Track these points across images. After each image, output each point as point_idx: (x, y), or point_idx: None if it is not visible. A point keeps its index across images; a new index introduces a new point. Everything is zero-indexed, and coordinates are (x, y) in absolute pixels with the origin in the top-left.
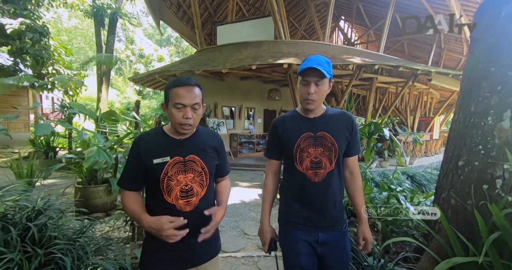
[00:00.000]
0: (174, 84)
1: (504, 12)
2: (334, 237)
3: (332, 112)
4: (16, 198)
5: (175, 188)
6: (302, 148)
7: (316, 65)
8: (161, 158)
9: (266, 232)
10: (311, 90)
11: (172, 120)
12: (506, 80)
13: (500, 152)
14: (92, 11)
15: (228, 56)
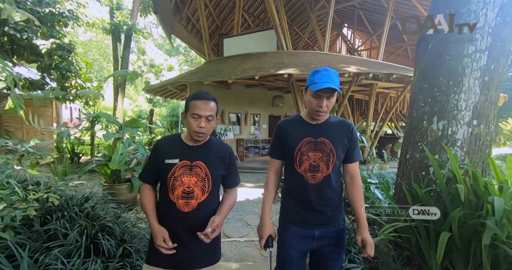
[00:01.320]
0: (194, 97)
1: (430, 44)
2: (329, 232)
3: (334, 120)
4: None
5: (178, 188)
6: (303, 152)
7: (331, 84)
8: (171, 159)
9: (264, 228)
10: (323, 104)
11: (189, 128)
12: (433, 94)
13: (432, 146)
14: (111, 28)
15: (233, 67)
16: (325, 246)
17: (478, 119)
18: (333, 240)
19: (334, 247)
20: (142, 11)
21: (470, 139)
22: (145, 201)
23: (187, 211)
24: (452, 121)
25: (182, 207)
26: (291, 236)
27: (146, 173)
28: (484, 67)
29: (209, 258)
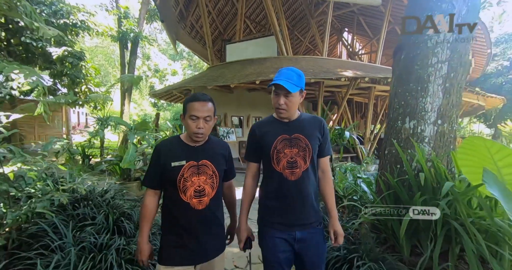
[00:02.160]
0: (191, 99)
1: (403, 55)
2: (310, 234)
3: (305, 117)
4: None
5: (190, 188)
6: (279, 149)
7: (285, 81)
8: (178, 162)
9: (243, 231)
10: (281, 101)
11: (188, 129)
12: (405, 98)
13: (405, 143)
14: (118, 36)
15: (235, 72)
16: (307, 247)
17: (442, 119)
18: (313, 242)
19: (314, 249)
20: (148, 19)
21: (435, 136)
22: (145, 211)
23: (201, 208)
24: (421, 121)
25: (196, 206)
26: (273, 239)
27: (150, 178)
28: (445, 75)
29: (219, 247)
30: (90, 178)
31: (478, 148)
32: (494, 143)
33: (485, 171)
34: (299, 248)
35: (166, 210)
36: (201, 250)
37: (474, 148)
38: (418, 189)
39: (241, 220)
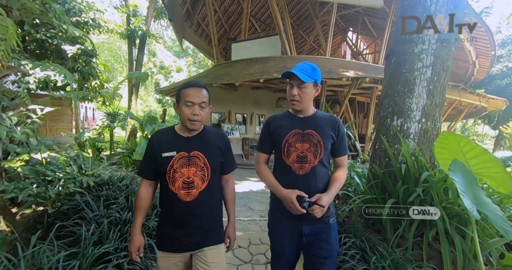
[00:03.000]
0: (185, 85)
1: (393, 59)
2: (318, 229)
3: (321, 115)
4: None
5: (179, 179)
6: (290, 143)
7: (298, 71)
8: (168, 152)
9: (289, 193)
10: (294, 92)
11: (183, 116)
12: (394, 98)
13: (393, 139)
14: (127, 33)
15: (240, 70)
16: (316, 242)
17: (425, 117)
18: (323, 237)
19: (324, 244)
20: (156, 17)
21: (420, 133)
22: (139, 201)
23: (189, 200)
24: (407, 119)
25: (184, 197)
26: (282, 231)
27: (144, 168)
28: (429, 79)
29: (213, 238)
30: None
31: (451, 142)
32: (462, 138)
33: (454, 161)
34: (307, 242)
35: (160, 201)
36: (190, 241)
37: (447, 142)
38: (401, 178)
39: (280, 191)
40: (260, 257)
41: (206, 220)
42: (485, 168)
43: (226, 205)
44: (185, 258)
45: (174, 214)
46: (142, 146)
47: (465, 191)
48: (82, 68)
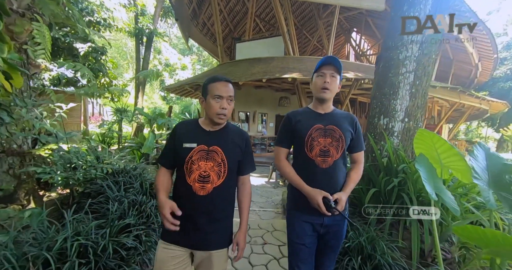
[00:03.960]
0: (213, 79)
1: (381, 64)
2: (336, 221)
3: (339, 112)
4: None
5: (195, 171)
6: (313, 137)
7: (332, 61)
8: (189, 143)
9: (316, 194)
10: (327, 79)
11: (211, 111)
12: (381, 100)
13: (380, 136)
14: (135, 32)
15: (244, 70)
16: (330, 233)
17: (408, 117)
18: (337, 228)
19: (337, 235)
20: (162, 16)
21: (403, 131)
22: (158, 181)
23: (202, 194)
24: (392, 119)
25: (198, 190)
26: (300, 222)
27: (164, 156)
28: (412, 83)
29: (220, 241)
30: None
31: (426, 138)
32: (434, 135)
33: (420, 155)
34: (324, 232)
35: (175, 189)
36: (198, 237)
37: (423, 138)
38: (384, 170)
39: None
40: (258, 239)
41: (216, 217)
42: (452, 161)
43: (240, 208)
44: (185, 254)
45: (186, 206)
46: (150, 140)
47: (427, 178)
48: (93, 65)
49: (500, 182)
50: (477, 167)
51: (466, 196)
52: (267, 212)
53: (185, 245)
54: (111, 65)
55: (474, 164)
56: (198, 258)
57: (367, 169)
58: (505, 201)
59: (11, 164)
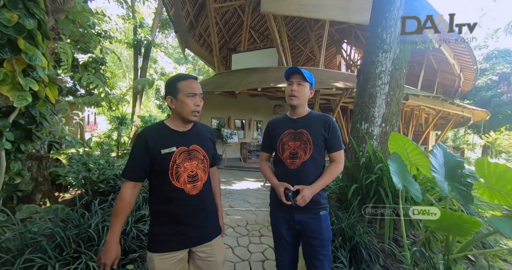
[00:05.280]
0: (182, 77)
1: (361, 77)
2: (308, 218)
3: (313, 115)
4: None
5: (183, 174)
6: (284, 142)
7: (297, 70)
8: (168, 148)
9: (279, 185)
10: (294, 87)
11: (186, 109)
12: (362, 108)
13: (362, 139)
14: (133, 43)
15: (240, 79)
16: (306, 231)
17: (385, 123)
18: (312, 227)
19: (315, 234)
20: (160, 27)
21: (381, 135)
22: (122, 204)
23: (195, 193)
24: (371, 124)
25: (190, 191)
26: (277, 218)
27: (132, 169)
28: (387, 93)
29: (214, 230)
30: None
31: (397, 140)
32: (403, 137)
33: (393, 153)
34: (300, 229)
35: (156, 200)
36: (197, 234)
37: (395, 140)
38: (365, 169)
39: (273, 182)
40: (255, 232)
41: (208, 210)
42: (418, 159)
43: (215, 195)
44: (184, 256)
45: (180, 210)
46: None
47: (395, 172)
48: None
49: (454, 175)
50: (435, 163)
51: (433, 189)
52: (263, 211)
53: (185, 246)
54: (109, 74)
55: (433, 160)
56: (200, 252)
57: (351, 168)
58: (456, 190)
59: (29, 167)
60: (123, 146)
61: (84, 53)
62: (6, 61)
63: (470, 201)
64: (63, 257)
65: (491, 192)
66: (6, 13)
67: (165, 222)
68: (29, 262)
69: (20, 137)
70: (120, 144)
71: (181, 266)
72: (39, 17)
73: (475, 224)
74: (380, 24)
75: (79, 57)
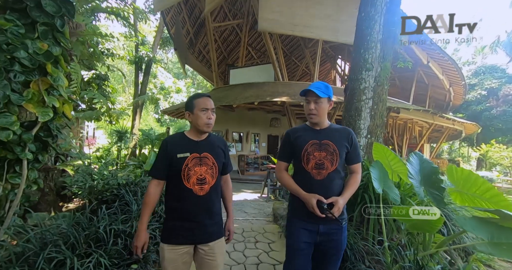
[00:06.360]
0: (197, 96)
1: (348, 92)
2: (332, 230)
3: (335, 127)
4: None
5: (193, 176)
6: (309, 152)
7: (314, 88)
8: (182, 154)
9: (311, 197)
10: (312, 106)
11: (199, 122)
12: (350, 120)
13: None
14: (135, 60)
15: (237, 94)
16: (327, 241)
17: (370, 134)
18: (335, 237)
19: (334, 244)
20: (161, 45)
21: (367, 145)
22: (149, 198)
23: (202, 194)
24: (358, 135)
25: (198, 192)
26: (298, 229)
27: (158, 168)
28: (371, 107)
29: (218, 232)
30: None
31: (380, 150)
32: (384, 147)
33: (375, 161)
34: (321, 241)
35: (170, 198)
36: (201, 232)
37: (378, 150)
38: None
39: (302, 194)
40: (251, 239)
41: (214, 212)
42: (398, 166)
43: (225, 202)
44: (190, 250)
45: (189, 207)
46: (152, 158)
47: (376, 178)
48: (94, 91)
49: (429, 181)
50: (411, 169)
51: (415, 195)
52: (259, 221)
53: (191, 242)
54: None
55: (410, 168)
56: (202, 250)
57: None
58: (431, 194)
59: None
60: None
61: (87, 70)
62: (33, 82)
63: (442, 204)
64: (76, 254)
65: (461, 195)
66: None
67: (176, 217)
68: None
69: (39, 148)
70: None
71: (187, 259)
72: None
73: (439, 220)
74: (362, 45)
75: (83, 74)
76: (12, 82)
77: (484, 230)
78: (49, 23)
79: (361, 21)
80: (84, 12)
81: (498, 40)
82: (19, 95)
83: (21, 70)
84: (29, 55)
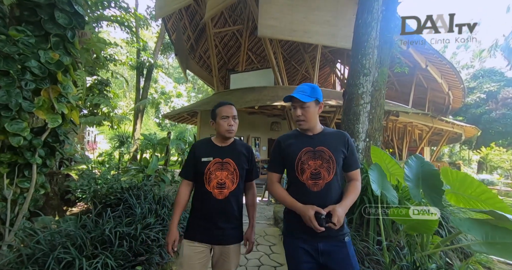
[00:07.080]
0: (220, 105)
1: (347, 97)
2: (334, 247)
3: (329, 131)
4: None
5: (213, 180)
6: (303, 161)
7: (298, 93)
8: (206, 157)
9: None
10: (298, 113)
11: (221, 129)
12: (349, 124)
13: None
14: (136, 65)
15: (238, 98)
16: (332, 262)
17: (368, 138)
18: (340, 256)
19: (341, 263)
20: (162, 51)
21: (365, 149)
22: (179, 198)
23: (220, 198)
24: (357, 139)
25: (217, 195)
26: (296, 250)
27: (186, 170)
28: (369, 111)
29: (236, 237)
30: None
31: (377, 153)
32: (380, 150)
33: (374, 164)
34: (325, 261)
35: (195, 197)
36: (218, 234)
37: (375, 153)
38: None
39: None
40: None
41: (232, 216)
42: (395, 169)
43: (248, 209)
44: (206, 250)
45: (208, 209)
46: (154, 162)
47: (374, 180)
48: (97, 96)
49: (428, 183)
50: (408, 172)
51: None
52: (260, 224)
53: (208, 241)
54: (112, 95)
55: (407, 171)
56: (218, 252)
57: None
58: (428, 196)
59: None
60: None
61: (90, 76)
62: (43, 90)
63: (440, 205)
64: (83, 256)
65: (456, 196)
66: (51, 53)
67: (197, 216)
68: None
69: (47, 153)
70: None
71: (203, 260)
72: (74, 54)
73: (435, 221)
74: (360, 51)
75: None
76: (23, 90)
77: (479, 230)
78: (60, 34)
79: (358, 28)
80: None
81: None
82: (30, 102)
83: (32, 78)
84: (40, 64)
